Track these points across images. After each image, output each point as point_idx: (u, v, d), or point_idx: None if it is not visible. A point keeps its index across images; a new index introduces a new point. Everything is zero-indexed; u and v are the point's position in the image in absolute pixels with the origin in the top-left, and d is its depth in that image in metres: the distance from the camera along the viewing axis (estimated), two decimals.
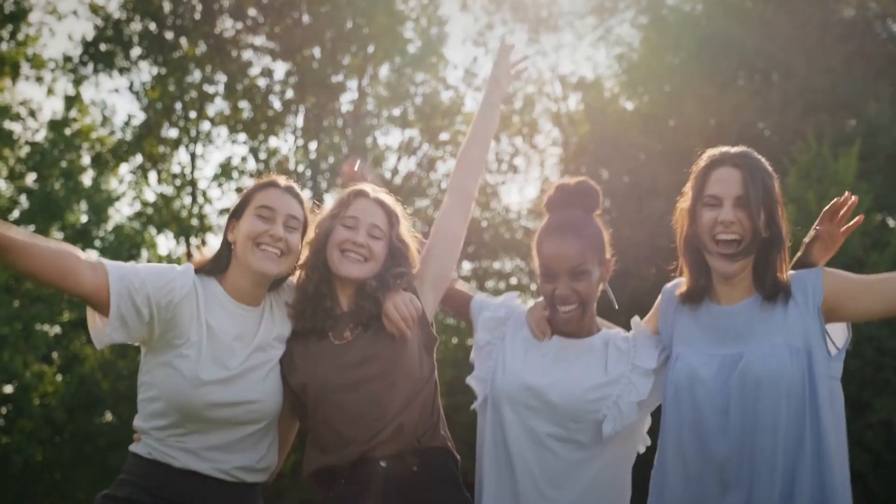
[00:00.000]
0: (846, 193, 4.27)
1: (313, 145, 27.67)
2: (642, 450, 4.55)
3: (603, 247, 4.39)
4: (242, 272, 4.42)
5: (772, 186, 4.15)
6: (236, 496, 4.38)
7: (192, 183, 28.02)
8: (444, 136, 28.44)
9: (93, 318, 4.29)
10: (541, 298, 4.52)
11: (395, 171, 28.36)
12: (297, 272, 4.57)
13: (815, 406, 4.02)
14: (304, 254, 4.55)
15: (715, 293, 4.25)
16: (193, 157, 28.03)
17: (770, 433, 3.97)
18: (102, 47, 27.34)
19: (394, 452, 4.37)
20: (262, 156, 27.69)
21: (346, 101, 28.02)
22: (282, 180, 4.55)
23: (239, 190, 26.35)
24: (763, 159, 4.20)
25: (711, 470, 4.08)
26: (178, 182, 28.15)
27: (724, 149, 4.23)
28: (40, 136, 25.60)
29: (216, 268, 4.47)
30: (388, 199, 4.62)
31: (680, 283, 4.39)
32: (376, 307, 4.43)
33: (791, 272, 4.19)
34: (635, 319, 4.52)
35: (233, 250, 4.46)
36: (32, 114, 25.60)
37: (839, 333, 4.18)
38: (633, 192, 25.68)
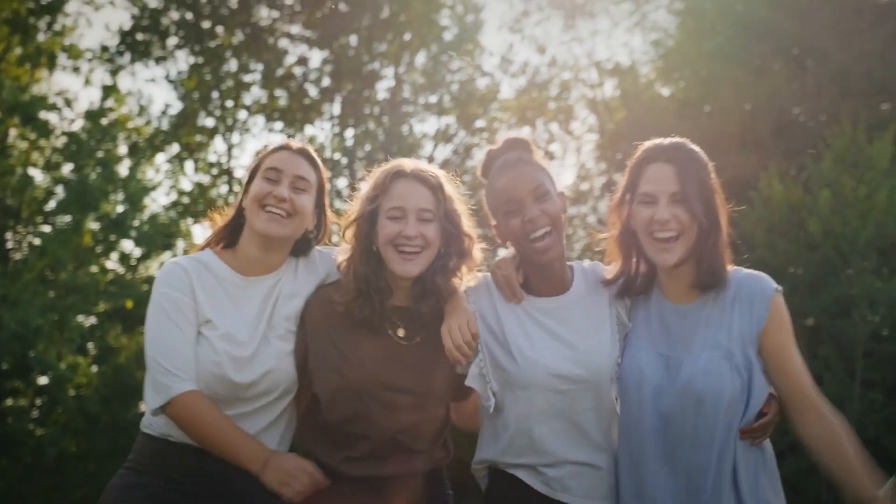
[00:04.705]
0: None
1: (350, 133, 27.78)
2: None
3: (552, 176, 4.18)
4: (252, 238, 4.27)
5: (706, 177, 4.05)
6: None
7: (229, 172, 28.18)
8: (480, 123, 28.47)
9: None
10: (501, 257, 4.30)
11: (431, 159, 28.37)
12: (340, 260, 4.27)
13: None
14: (346, 246, 4.24)
15: (664, 287, 4.17)
16: (230, 146, 28.17)
17: (705, 448, 3.94)
18: (139, 37, 27.55)
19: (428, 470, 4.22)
20: None
21: (382, 89, 28.18)
22: (295, 143, 4.34)
23: None
24: (697, 149, 4.11)
25: (648, 462, 4.04)
26: (214, 171, 28.32)
27: (658, 142, 4.12)
28: (77, 126, 25.71)
29: (230, 240, 4.38)
30: (431, 176, 4.16)
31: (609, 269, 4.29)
32: (436, 306, 4.12)
33: (744, 271, 4.11)
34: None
35: (245, 216, 4.33)
36: (69, 104, 25.73)
37: None
38: None
